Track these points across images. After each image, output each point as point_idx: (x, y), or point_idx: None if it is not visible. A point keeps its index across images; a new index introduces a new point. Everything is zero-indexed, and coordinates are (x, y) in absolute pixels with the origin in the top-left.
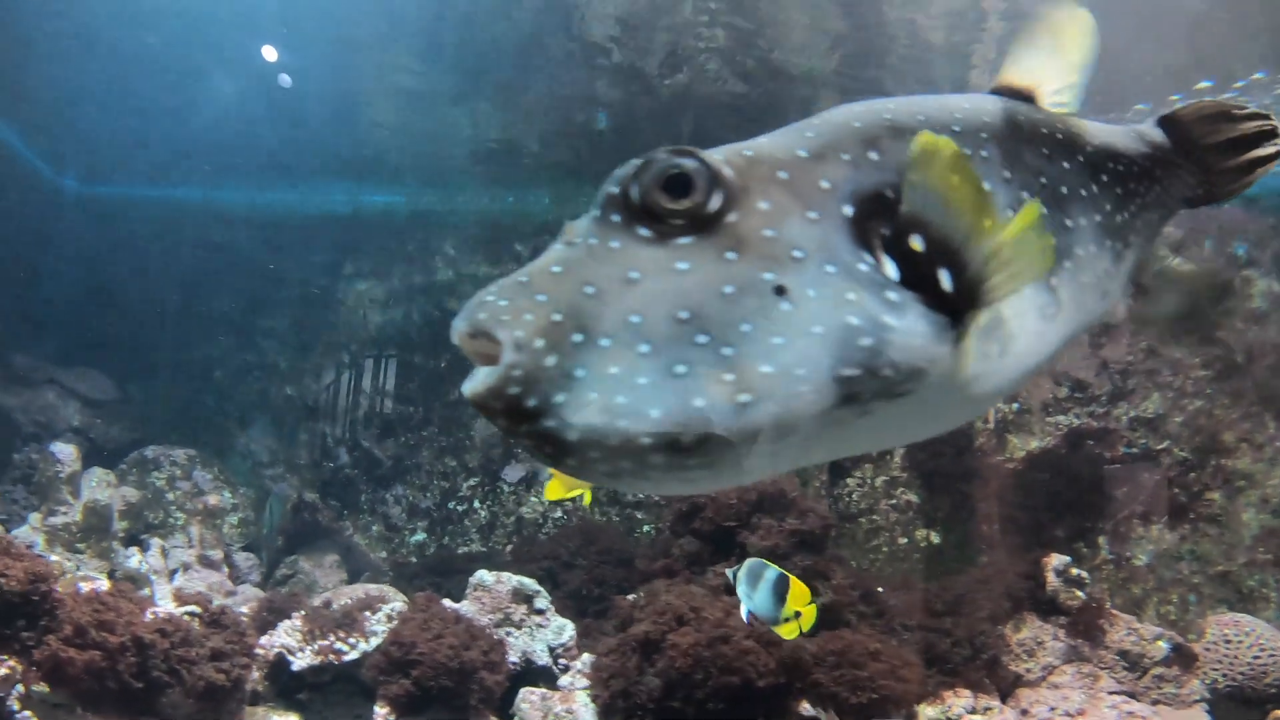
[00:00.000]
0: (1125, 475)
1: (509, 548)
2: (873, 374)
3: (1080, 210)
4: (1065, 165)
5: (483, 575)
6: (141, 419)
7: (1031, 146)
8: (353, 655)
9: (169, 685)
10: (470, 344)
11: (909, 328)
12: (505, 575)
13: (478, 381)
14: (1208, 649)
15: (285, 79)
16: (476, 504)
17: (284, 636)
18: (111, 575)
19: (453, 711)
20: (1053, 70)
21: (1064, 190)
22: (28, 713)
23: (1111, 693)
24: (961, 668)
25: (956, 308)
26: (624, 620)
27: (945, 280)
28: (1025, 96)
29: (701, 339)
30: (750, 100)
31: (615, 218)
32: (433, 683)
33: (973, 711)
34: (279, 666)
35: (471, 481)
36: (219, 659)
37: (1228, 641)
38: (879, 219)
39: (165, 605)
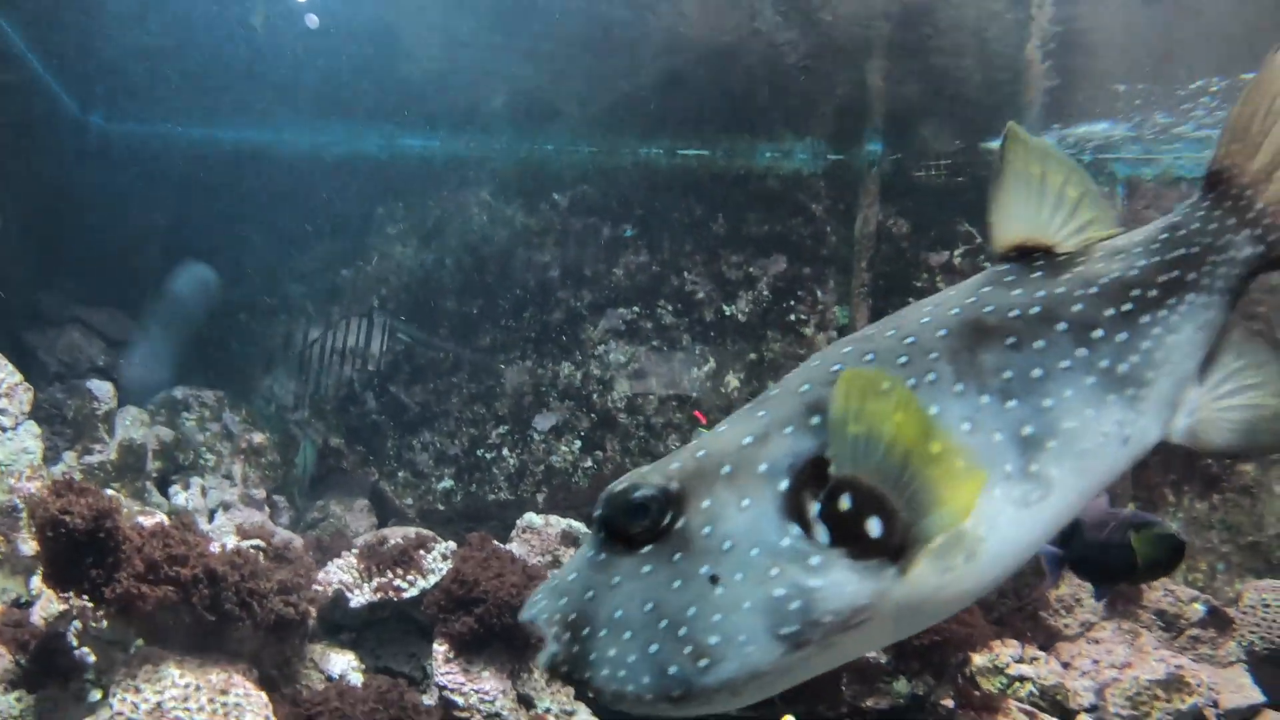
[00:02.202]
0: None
1: (540, 496)
2: (814, 624)
3: (1063, 383)
4: (1039, 344)
5: (531, 517)
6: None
7: (995, 340)
8: (412, 592)
9: (240, 618)
10: (534, 628)
11: (835, 583)
12: (554, 518)
13: (543, 660)
14: (1244, 613)
15: (312, 19)
16: (505, 452)
17: (341, 573)
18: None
19: (512, 649)
20: (1047, 209)
21: (1035, 374)
22: (85, 649)
23: (1156, 648)
24: (1008, 618)
25: (893, 552)
26: None
27: (875, 529)
28: (1035, 250)
29: (664, 623)
30: (800, 60)
31: (601, 534)
32: (495, 620)
33: (1020, 660)
34: (336, 603)
35: (501, 429)
36: (286, 592)
37: (1266, 606)
38: (815, 483)
39: (227, 539)
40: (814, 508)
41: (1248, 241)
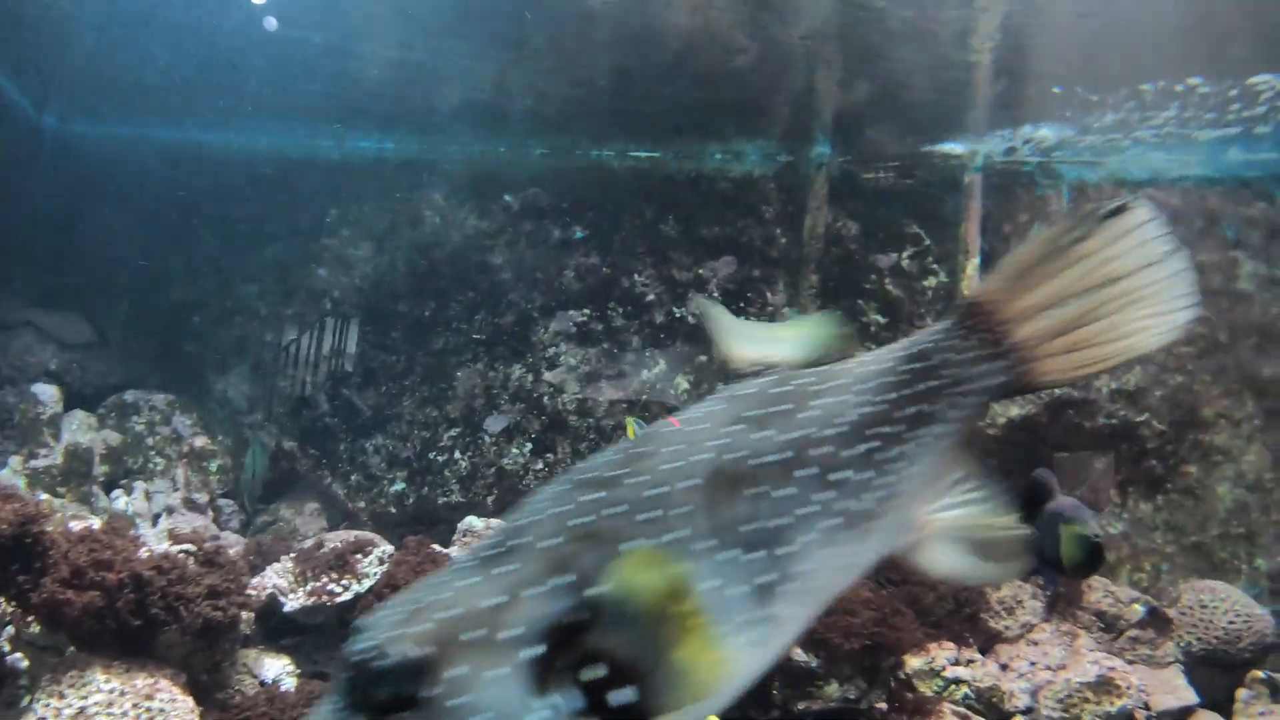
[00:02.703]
0: (1102, 445)
1: (490, 499)
2: None
3: (805, 528)
4: (787, 491)
5: (472, 521)
6: (119, 363)
7: (744, 490)
8: (346, 597)
9: (167, 623)
10: None
11: None
12: (494, 521)
13: None
14: (1182, 613)
15: (271, 22)
16: (457, 454)
17: (275, 578)
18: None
19: None
20: (765, 342)
21: (781, 522)
22: (19, 654)
23: (1091, 650)
24: (945, 621)
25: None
26: None
27: (627, 697)
28: (769, 366)
29: None
30: (749, 61)
31: (349, 700)
32: None
33: (956, 663)
34: (270, 608)
35: (453, 432)
36: (215, 597)
37: (1203, 606)
38: (566, 650)
39: (160, 544)
40: (566, 675)
41: (995, 373)
